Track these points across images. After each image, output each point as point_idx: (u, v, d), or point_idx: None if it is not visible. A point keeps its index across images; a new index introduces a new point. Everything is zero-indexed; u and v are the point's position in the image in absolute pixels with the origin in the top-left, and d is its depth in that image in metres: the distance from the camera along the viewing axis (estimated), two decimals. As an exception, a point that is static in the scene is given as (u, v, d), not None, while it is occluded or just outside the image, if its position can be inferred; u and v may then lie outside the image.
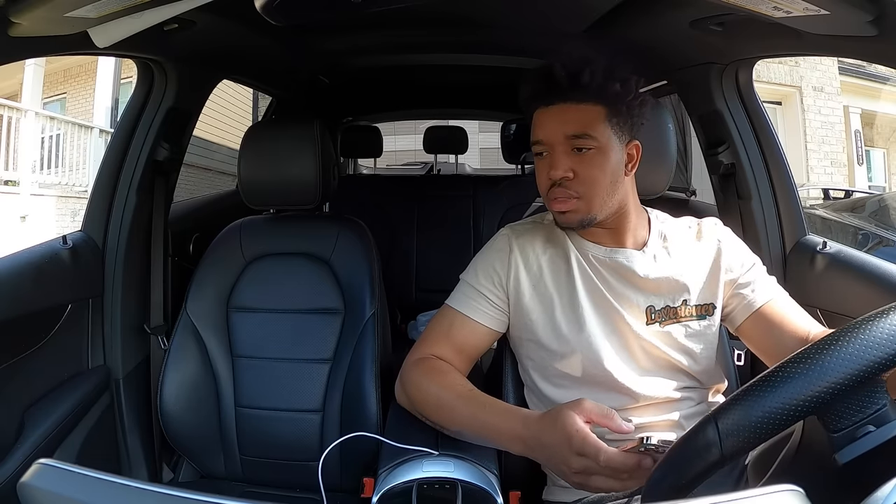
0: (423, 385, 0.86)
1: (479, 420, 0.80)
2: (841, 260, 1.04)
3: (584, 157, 0.83)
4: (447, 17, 1.24)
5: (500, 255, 0.91)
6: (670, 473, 0.55)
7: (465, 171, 4.03)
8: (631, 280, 0.87)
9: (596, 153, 0.83)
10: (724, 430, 0.50)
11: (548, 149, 0.85)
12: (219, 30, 1.09)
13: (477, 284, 0.91)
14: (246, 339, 1.15)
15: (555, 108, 0.83)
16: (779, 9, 0.72)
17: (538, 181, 0.88)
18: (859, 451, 0.48)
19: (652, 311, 0.87)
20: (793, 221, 1.16)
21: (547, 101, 0.84)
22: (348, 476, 1.03)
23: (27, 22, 0.75)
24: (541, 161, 0.86)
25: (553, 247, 0.91)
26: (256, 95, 3.99)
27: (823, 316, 1.03)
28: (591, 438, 0.70)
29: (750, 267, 0.90)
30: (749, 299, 0.89)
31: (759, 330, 0.88)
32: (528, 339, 0.91)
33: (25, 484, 0.41)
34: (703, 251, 0.90)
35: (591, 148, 0.82)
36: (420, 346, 0.92)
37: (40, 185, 5.77)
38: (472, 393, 0.83)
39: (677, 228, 0.93)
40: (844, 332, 0.50)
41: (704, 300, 0.88)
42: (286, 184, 1.16)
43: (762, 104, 1.20)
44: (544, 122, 0.84)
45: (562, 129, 0.83)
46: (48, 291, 1.06)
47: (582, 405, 0.73)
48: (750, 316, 0.88)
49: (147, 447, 1.20)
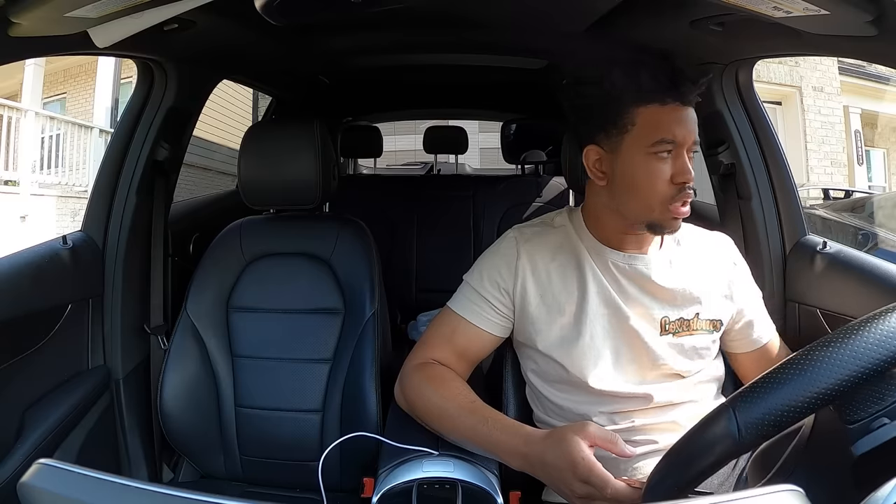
0: (425, 393, 0.85)
1: (481, 434, 0.79)
2: (841, 260, 1.04)
3: (692, 161, 0.82)
4: (447, 16, 1.24)
5: (507, 261, 0.89)
6: (677, 466, 0.54)
7: (465, 171, 4.04)
8: (648, 289, 0.86)
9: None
10: (743, 419, 0.49)
11: (674, 149, 0.80)
12: (219, 30, 1.09)
13: (481, 290, 0.89)
14: (246, 339, 1.15)
15: (687, 110, 0.81)
16: (779, 9, 0.72)
17: (654, 182, 0.80)
18: (875, 443, 0.48)
19: (667, 321, 0.86)
20: (793, 221, 1.15)
21: (685, 101, 0.80)
22: (348, 476, 1.03)
23: (27, 22, 0.75)
24: (663, 161, 0.80)
25: (564, 254, 0.89)
26: (256, 95, 3.99)
27: (823, 316, 1.03)
28: (597, 469, 0.70)
29: (758, 301, 0.94)
30: (755, 335, 0.92)
31: (756, 364, 0.92)
32: (532, 346, 0.89)
33: (25, 484, 0.41)
34: (716, 267, 0.91)
35: (694, 153, 0.83)
36: (421, 350, 0.91)
37: (40, 185, 5.77)
38: (474, 405, 0.82)
39: (689, 236, 0.92)
40: (866, 321, 0.49)
41: (714, 316, 0.88)
42: (286, 184, 1.16)
43: (762, 104, 1.20)
44: (680, 122, 0.80)
45: (693, 133, 0.81)
46: (48, 291, 1.06)
47: (587, 430, 0.73)
48: (753, 351, 0.93)
49: (147, 447, 1.20)
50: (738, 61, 1.14)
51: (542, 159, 2.33)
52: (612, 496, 0.68)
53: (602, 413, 0.86)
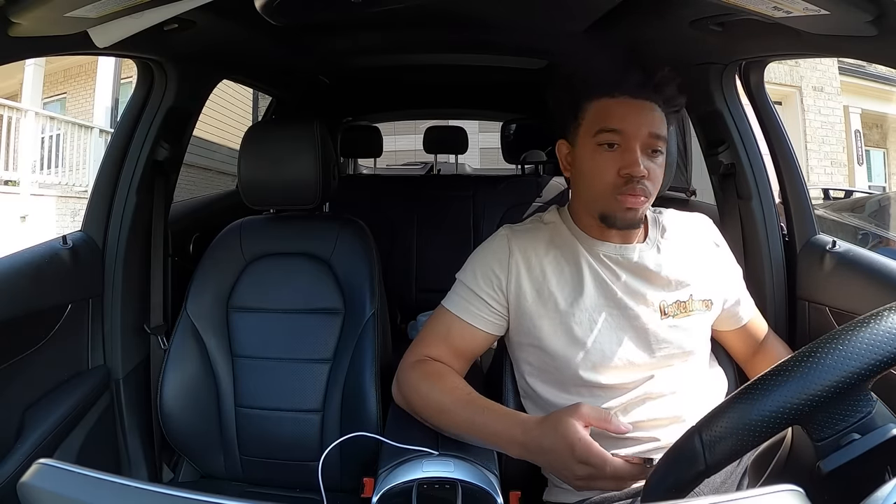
0: (421, 389, 0.86)
1: (477, 424, 0.80)
2: (850, 259, 1.05)
3: (655, 158, 0.83)
4: (447, 16, 1.24)
5: (499, 258, 0.90)
6: (662, 482, 0.56)
7: (465, 171, 4.03)
8: (644, 276, 0.87)
9: (661, 156, 0.84)
10: (708, 442, 0.51)
11: (622, 141, 0.81)
12: (219, 30, 1.09)
13: (475, 288, 0.89)
14: (246, 339, 1.15)
15: (640, 102, 0.82)
16: (779, 9, 0.72)
17: (599, 173, 0.83)
18: (844, 460, 0.48)
19: (665, 305, 0.87)
20: (803, 220, 1.16)
21: (634, 94, 0.82)
22: (348, 476, 1.03)
23: (27, 22, 0.75)
24: (610, 153, 0.82)
25: (557, 248, 0.90)
26: (256, 95, 3.98)
27: (833, 314, 1.05)
28: (595, 448, 0.70)
29: (740, 279, 0.97)
30: (739, 314, 0.97)
31: (742, 342, 0.98)
32: (529, 343, 0.90)
33: (25, 484, 0.41)
34: (701, 248, 0.93)
35: (661, 151, 0.84)
36: (417, 348, 0.91)
37: (40, 185, 5.77)
38: (470, 397, 0.83)
39: (671, 220, 0.94)
40: (823, 342, 0.50)
41: (705, 296, 0.90)
42: (286, 184, 1.16)
43: (773, 105, 1.20)
44: (626, 114, 0.82)
45: (646, 127, 0.82)
46: (48, 291, 1.06)
47: (580, 411, 0.73)
48: (736, 329, 0.97)
49: (147, 447, 1.20)
50: (747, 63, 1.14)
51: (542, 159, 2.33)
52: (613, 474, 0.69)
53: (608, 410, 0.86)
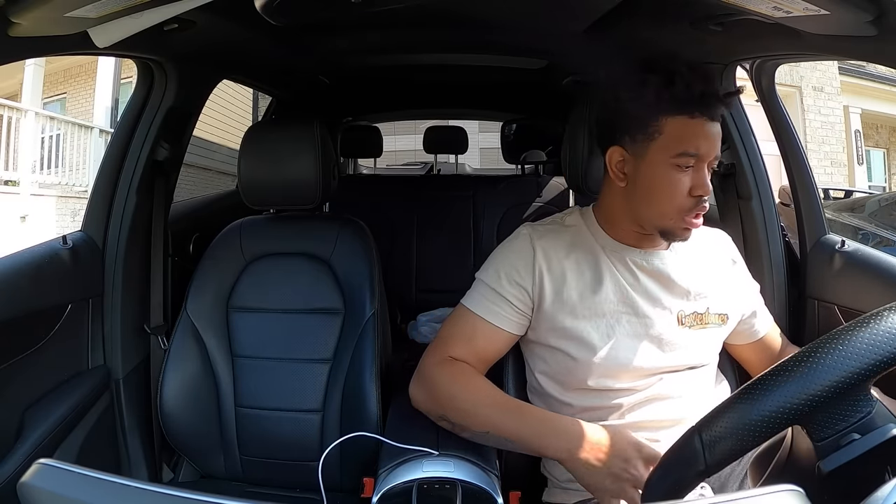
0: (453, 390, 0.85)
1: (522, 430, 0.80)
2: (858, 258, 1.06)
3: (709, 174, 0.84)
4: (447, 16, 1.24)
5: (524, 257, 0.89)
6: (662, 482, 0.56)
7: (465, 171, 4.03)
8: (664, 283, 0.88)
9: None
10: (708, 441, 0.52)
11: (696, 163, 0.81)
12: (219, 30, 1.09)
13: (499, 288, 0.88)
14: (246, 339, 1.15)
15: (715, 125, 0.82)
16: (779, 9, 0.72)
17: (672, 193, 0.82)
18: (844, 460, 0.48)
19: (683, 315, 0.88)
20: (813, 220, 1.17)
21: (713, 116, 0.81)
22: (348, 476, 1.03)
23: (27, 22, 0.75)
24: (683, 173, 0.81)
25: (578, 251, 0.89)
26: (256, 95, 3.99)
27: (841, 313, 1.05)
28: (658, 453, 0.73)
29: (757, 294, 0.98)
30: (755, 327, 0.97)
31: (756, 355, 0.98)
32: (546, 344, 0.89)
33: (25, 484, 0.41)
34: (719, 264, 0.94)
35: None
36: (440, 348, 0.89)
37: (40, 185, 5.77)
38: (508, 402, 0.85)
39: (694, 233, 0.93)
40: (823, 342, 0.50)
41: (721, 310, 0.91)
42: (286, 184, 1.16)
43: (783, 105, 1.20)
44: (706, 136, 0.81)
45: (715, 149, 0.82)
46: (48, 291, 1.06)
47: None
48: (752, 342, 0.97)
49: (147, 447, 1.20)
50: (758, 64, 1.14)
51: (542, 159, 2.33)
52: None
53: (613, 410, 0.87)
